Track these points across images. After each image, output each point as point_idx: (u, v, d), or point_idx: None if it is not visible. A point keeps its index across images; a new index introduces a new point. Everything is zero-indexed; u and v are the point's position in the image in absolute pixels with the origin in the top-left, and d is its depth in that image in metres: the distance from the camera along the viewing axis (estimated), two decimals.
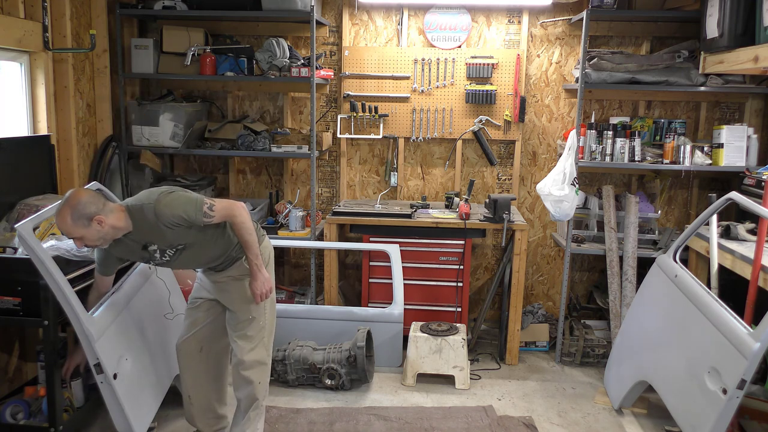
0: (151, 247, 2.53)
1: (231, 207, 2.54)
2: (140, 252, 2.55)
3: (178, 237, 2.51)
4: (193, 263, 2.71)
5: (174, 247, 2.55)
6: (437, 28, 4.32)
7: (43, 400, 2.83)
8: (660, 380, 3.03)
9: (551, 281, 4.61)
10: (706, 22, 3.53)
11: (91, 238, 2.36)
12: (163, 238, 2.50)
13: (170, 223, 2.45)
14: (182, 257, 2.60)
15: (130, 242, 2.50)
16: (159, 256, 2.57)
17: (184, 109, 4.18)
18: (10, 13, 3.20)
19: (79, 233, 2.33)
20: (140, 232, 2.48)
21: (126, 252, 2.56)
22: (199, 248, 2.59)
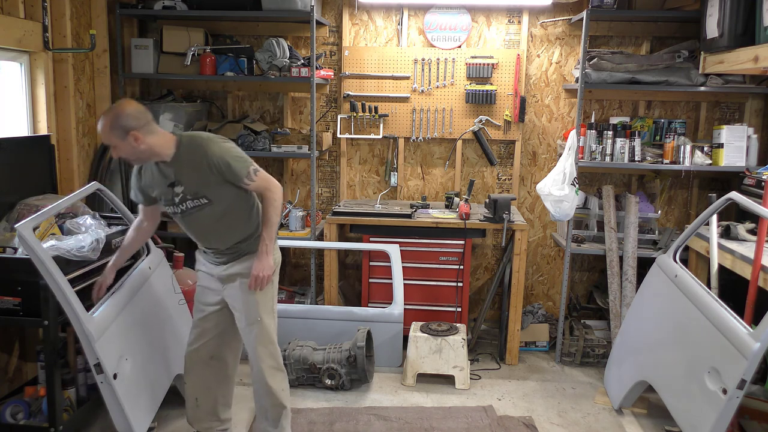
0: (178, 187, 2.48)
1: (270, 180, 2.56)
2: (165, 188, 2.52)
3: (210, 187, 2.48)
4: (206, 228, 2.60)
5: (199, 198, 2.50)
6: (437, 28, 4.32)
7: (43, 400, 2.83)
8: (660, 380, 3.03)
9: (551, 281, 4.61)
10: (706, 22, 3.53)
11: (124, 151, 2.39)
12: (196, 180, 2.47)
13: (213, 165, 2.44)
14: (200, 215, 2.54)
15: (161, 174, 2.50)
16: (179, 201, 2.51)
17: (184, 109, 4.18)
18: (10, 13, 3.20)
19: (113, 142, 2.36)
20: (177, 165, 2.47)
21: (152, 183, 2.55)
22: (220, 212, 2.54)
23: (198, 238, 2.69)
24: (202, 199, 2.51)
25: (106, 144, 2.38)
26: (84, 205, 3.29)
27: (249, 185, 2.51)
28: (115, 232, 3.12)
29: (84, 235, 2.88)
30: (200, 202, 2.51)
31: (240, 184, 2.50)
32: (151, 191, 2.59)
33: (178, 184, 2.49)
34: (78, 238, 2.84)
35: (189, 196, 2.50)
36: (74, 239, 2.82)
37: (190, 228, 2.63)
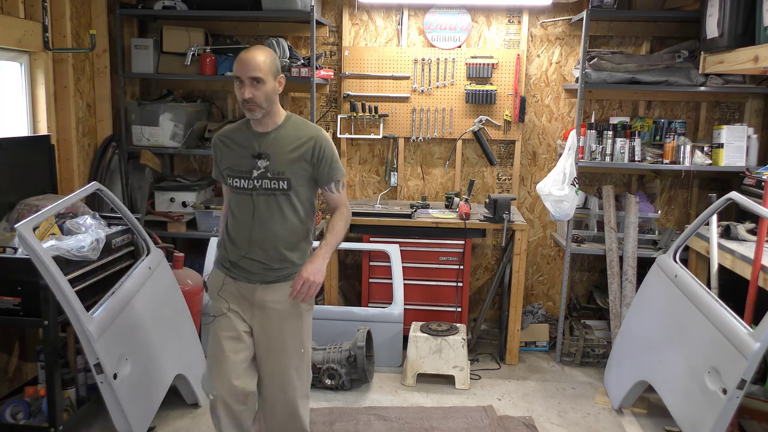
0: (263, 161, 2.31)
1: (347, 202, 2.47)
2: (247, 158, 2.32)
3: (297, 174, 2.32)
4: (265, 222, 2.33)
5: (279, 180, 2.30)
6: (437, 28, 4.32)
7: (43, 400, 2.83)
8: (660, 380, 3.03)
9: (551, 281, 4.61)
10: (706, 22, 3.53)
11: (262, 91, 2.23)
12: (288, 159, 2.30)
13: (318, 149, 2.32)
14: (268, 201, 2.32)
15: (249, 141, 2.33)
16: (256, 176, 2.30)
17: (184, 109, 4.18)
18: (10, 13, 3.20)
19: (262, 75, 2.22)
20: (275, 136, 2.33)
21: (234, 154, 2.36)
22: (288, 209, 2.33)
23: (247, 233, 2.35)
24: (281, 182, 2.32)
25: (253, 76, 2.21)
26: (84, 205, 3.28)
27: (332, 193, 2.39)
28: (115, 232, 3.13)
29: (84, 235, 2.88)
30: (277, 186, 2.32)
31: (327, 186, 2.38)
32: (224, 163, 2.39)
33: (264, 157, 2.31)
34: (78, 238, 2.84)
35: (270, 173, 2.31)
36: (74, 239, 2.82)
37: (246, 215, 2.34)
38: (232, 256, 2.39)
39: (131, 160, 4.19)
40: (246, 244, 2.36)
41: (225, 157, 2.39)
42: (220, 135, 2.45)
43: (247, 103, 2.23)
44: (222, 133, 2.45)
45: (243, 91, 2.23)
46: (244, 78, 2.22)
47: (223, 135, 2.44)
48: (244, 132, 2.38)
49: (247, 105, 2.24)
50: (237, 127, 2.42)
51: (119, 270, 3.08)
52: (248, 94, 2.22)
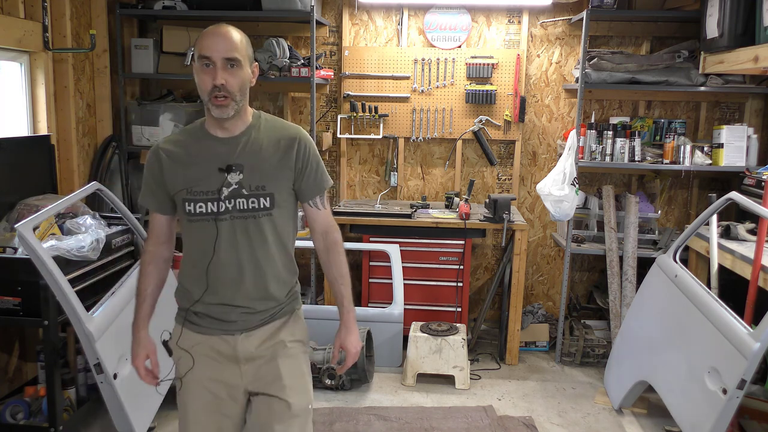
0: (234, 174, 1.78)
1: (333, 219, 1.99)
2: (211, 174, 1.79)
3: (280, 185, 1.83)
4: (244, 255, 1.82)
5: (260, 196, 1.79)
6: (437, 28, 4.32)
7: (43, 400, 2.83)
8: (660, 380, 3.03)
9: (551, 281, 4.61)
10: (706, 22, 3.52)
11: (236, 78, 1.74)
12: (267, 167, 1.81)
13: (302, 153, 1.84)
14: (247, 226, 1.80)
15: (210, 152, 1.81)
16: (227, 196, 1.78)
17: (184, 109, 4.18)
18: (10, 13, 3.20)
19: (237, 59, 1.74)
20: (246, 140, 1.82)
21: (186, 168, 1.81)
22: (272, 233, 1.83)
23: (220, 271, 1.82)
24: (263, 200, 1.80)
25: (229, 57, 1.72)
26: (84, 205, 3.28)
27: (319, 210, 1.92)
28: (115, 232, 3.12)
29: (84, 235, 2.88)
30: (257, 204, 1.80)
31: (312, 200, 1.91)
32: (175, 184, 1.81)
33: (236, 169, 1.78)
34: (78, 238, 2.84)
35: (246, 190, 1.78)
36: (74, 239, 2.82)
37: (211, 248, 1.80)
38: (199, 306, 1.84)
39: (131, 160, 4.19)
40: (219, 287, 1.82)
41: (175, 176, 1.80)
42: (162, 147, 1.84)
43: (218, 93, 1.72)
44: (165, 143, 1.85)
45: (213, 75, 1.71)
46: (216, 59, 1.71)
47: (167, 146, 1.84)
48: (201, 139, 1.83)
49: (217, 98, 1.72)
50: (187, 133, 1.87)
51: (119, 270, 3.08)
52: (220, 80, 1.71)
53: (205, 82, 1.74)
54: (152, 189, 1.86)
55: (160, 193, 1.85)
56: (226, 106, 1.75)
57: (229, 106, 1.76)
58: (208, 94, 1.74)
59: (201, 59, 1.74)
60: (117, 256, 3.12)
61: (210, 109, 1.77)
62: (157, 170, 1.84)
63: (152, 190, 1.86)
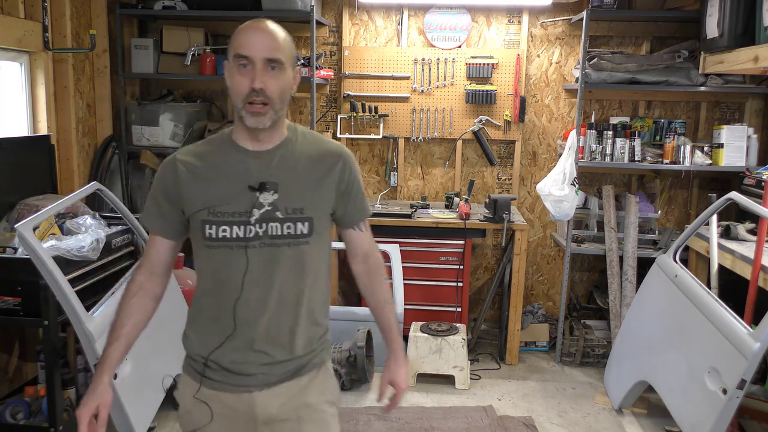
0: (267, 193, 1.52)
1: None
2: (240, 193, 1.52)
3: (320, 209, 1.58)
4: (275, 292, 1.54)
5: (297, 220, 1.53)
6: (437, 28, 4.32)
7: (43, 400, 2.83)
8: (660, 380, 3.03)
9: (551, 281, 4.61)
10: (706, 22, 3.53)
11: (281, 81, 1.50)
12: (306, 187, 1.56)
13: (345, 173, 1.61)
14: (280, 256, 1.53)
15: (240, 167, 1.54)
16: (258, 219, 1.51)
17: (184, 109, 4.18)
18: (10, 13, 3.20)
19: (287, 56, 1.52)
20: (282, 156, 1.56)
21: (214, 187, 1.53)
22: (309, 265, 1.57)
23: (244, 311, 1.54)
24: (301, 225, 1.53)
25: (272, 57, 1.48)
26: (84, 205, 3.29)
27: (362, 232, 1.71)
28: (115, 232, 3.12)
29: (84, 235, 2.88)
30: (293, 230, 1.53)
31: (356, 225, 1.69)
32: (194, 202, 1.53)
33: (270, 188, 1.52)
34: (78, 238, 2.84)
35: (281, 213, 1.52)
36: (74, 239, 2.82)
37: (238, 282, 1.52)
38: (218, 354, 1.55)
39: (131, 160, 4.19)
40: (241, 330, 1.54)
41: (194, 192, 1.53)
42: (180, 159, 1.57)
43: (254, 99, 1.46)
44: (184, 155, 1.58)
45: (251, 78, 1.46)
46: (256, 58, 1.46)
47: (186, 158, 1.57)
48: (229, 151, 1.56)
49: (253, 104, 1.47)
50: (211, 144, 1.61)
51: (119, 270, 3.08)
52: (259, 83, 1.46)
53: (240, 84, 1.47)
54: (161, 207, 1.57)
55: (171, 213, 1.57)
56: (263, 114, 1.48)
57: (267, 115, 1.49)
58: (243, 99, 1.48)
59: (237, 58, 1.48)
60: (117, 256, 3.12)
61: (243, 116, 1.49)
62: (172, 185, 1.55)
63: (161, 209, 1.57)
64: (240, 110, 1.50)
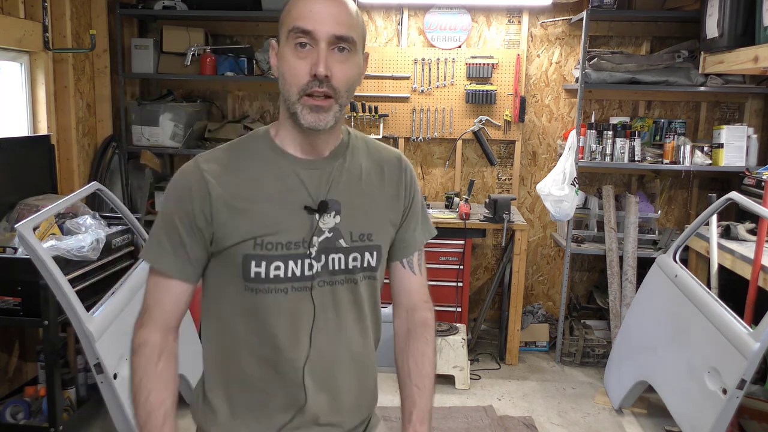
0: (328, 215, 1.19)
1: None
2: (298, 216, 1.18)
3: (388, 231, 1.29)
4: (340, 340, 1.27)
5: (363, 249, 1.23)
6: (437, 28, 4.32)
7: (43, 400, 2.83)
8: (660, 380, 3.03)
9: (551, 281, 4.61)
10: (706, 22, 3.53)
11: (351, 68, 1.15)
12: (373, 206, 1.26)
13: (409, 190, 1.32)
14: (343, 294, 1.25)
15: (287, 183, 1.19)
16: (319, 251, 1.19)
17: (184, 109, 4.18)
18: (10, 13, 3.20)
19: (359, 35, 1.17)
20: (351, 164, 1.26)
21: (271, 205, 1.17)
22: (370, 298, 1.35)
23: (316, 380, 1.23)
24: (368, 255, 1.25)
25: (341, 34, 1.12)
26: (84, 205, 3.29)
27: (413, 273, 1.40)
28: (115, 232, 3.12)
29: (84, 235, 2.88)
30: (360, 263, 1.25)
31: (408, 258, 1.37)
32: (233, 230, 1.16)
33: (331, 208, 1.20)
34: (78, 238, 2.84)
35: (346, 240, 1.21)
36: (74, 239, 2.82)
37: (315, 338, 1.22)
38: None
39: (131, 160, 4.19)
40: (312, 400, 1.22)
41: (234, 217, 1.16)
42: (209, 169, 1.18)
43: (316, 89, 1.12)
44: (209, 162, 1.20)
45: (313, 61, 1.11)
46: (321, 35, 1.11)
47: (214, 167, 1.19)
48: (272, 160, 1.20)
49: (313, 96, 1.12)
50: (246, 151, 1.22)
51: (119, 270, 3.08)
52: (324, 69, 1.10)
53: (298, 69, 1.11)
54: (181, 239, 1.17)
55: (197, 247, 1.17)
56: (326, 110, 1.14)
57: (330, 111, 1.15)
58: (301, 89, 1.12)
59: (295, 34, 1.11)
60: (117, 256, 3.13)
61: (298, 112, 1.14)
62: (200, 206, 1.15)
63: (181, 242, 1.17)
64: (294, 104, 1.14)
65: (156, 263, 1.20)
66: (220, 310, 1.23)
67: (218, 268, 1.21)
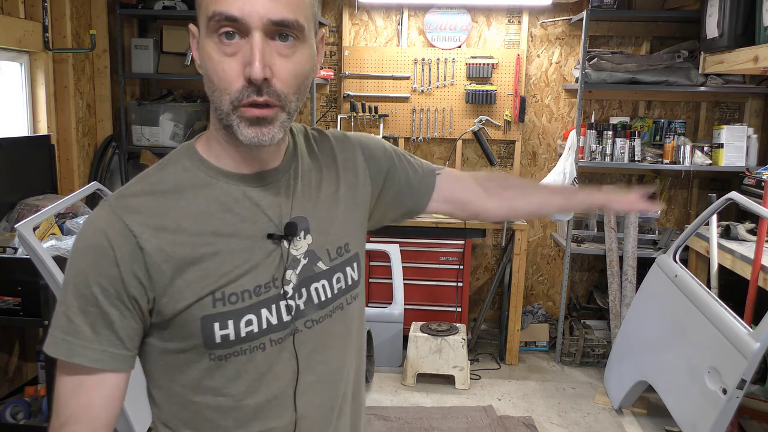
0: (298, 240, 0.96)
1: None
2: (260, 249, 0.93)
3: (359, 233, 1.08)
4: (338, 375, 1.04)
5: (343, 266, 1.02)
6: (437, 28, 4.32)
7: (43, 400, 2.83)
8: (660, 380, 3.03)
9: (551, 281, 4.61)
10: (706, 22, 3.53)
11: (298, 62, 0.87)
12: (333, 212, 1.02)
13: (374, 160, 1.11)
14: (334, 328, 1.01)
15: (248, 206, 0.93)
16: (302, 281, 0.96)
17: (184, 109, 4.18)
18: (10, 13, 3.20)
19: (305, 16, 0.86)
20: (304, 166, 1.02)
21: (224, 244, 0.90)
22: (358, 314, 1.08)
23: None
24: (350, 270, 1.03)
25: (281, 20, 0.82)
26: (84, 205, 3.29)
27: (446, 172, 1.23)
28: None
29: None
30: (345, 282, 1.02)
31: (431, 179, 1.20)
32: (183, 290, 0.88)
33: (302, 227, 0.97)
34: None
35: (325, 260, 1.00)
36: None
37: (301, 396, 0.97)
38: None
39: (131, 160, 4.19)
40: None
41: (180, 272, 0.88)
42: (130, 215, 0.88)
43: (254, 99, 0.85)
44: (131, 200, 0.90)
45: (245, 60, 0.84)
46: (252, 21, 0.82)
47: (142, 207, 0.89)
48: (212, 183, 0.93)
49: (254, 106, 0.86)
50: (174, 175, 0.93)
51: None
52: (261, 70, 0.83)
53: (227, 71, 0.86)
54: (101, 315, 0.87)
55: (126, 323, 0.88)
56: (270, 121, 0.87)
57: (276, 122, 0.88)
58: (234, 98, 0.86)
59: (216, 23, 0.84)
60: None
61: (234, 126, 0.88)
62: (128, 267, 0.86)
63: (102, 317, 0.87)
64: (227, 116, 0.87)
65: (72, 356, 0.86)
66: (172, 387, 0.94)
67: (166, 342, 0.91)
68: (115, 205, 0.89)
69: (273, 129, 0.87)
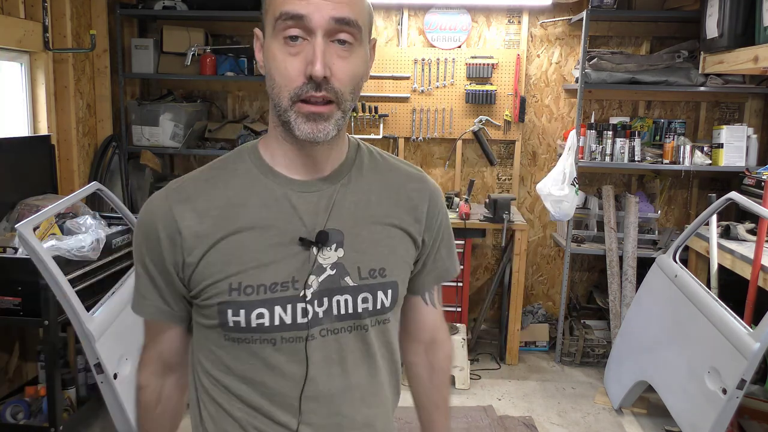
0: (327, 251, 0.98)
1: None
2: (290, 250, 0.97)
3: (404, 267, 1.08)
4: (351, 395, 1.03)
5: (374, 288, 1.01)
6: (437, 28, 4.32)
7: (43, 400, 2.83)
8: (660, 380, 3.03)
9: (551, 281, 4.61)
10: (706, 22, 3.53)
11: (354, 63, 0.95)
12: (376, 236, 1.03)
13: (436, 217, 1.14)
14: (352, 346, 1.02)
15: (288, 207, 0.98)
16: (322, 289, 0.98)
17: (184, 109, 4.18)
18: (10, 13, 3.20)
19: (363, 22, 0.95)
20: (358, 184, 1.06)
21: (255, 238, 0.97)
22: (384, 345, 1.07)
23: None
24: (381, 294, 1.02)
25: (342, 17, 0.90)
26: (84, 205, 3.29)
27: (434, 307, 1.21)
28: (115, 232, 3.13)
29: (84, 235, 2.88)
30: (372, 304, 1.02)
31: (429, 292, 1.19)
32: (205, 272, 0.97)
33: (332, 240, 0.99)
34: (78, 238, 2.84)
35: (353, 278, 1.00)
36: (74, 239, 2.82)
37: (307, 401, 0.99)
38: None
39: (131, 160, 4.19)
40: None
41: (206, 257, 0.97)
42: (176, 198, 0.99)
43: (312, 94, 0.92)
44: (180, 191, 1.01)
45: (307, 59, 0.91)
46: (317, 21, 0.90)
47: (186, 193, 1.00)
48: (259, 182, 1.00)
49: (311, 102, 0.93)
50: (227, 171, 1.02)
51: (119, 270, 3.08)
52: (322, 68, 0.90)
53: (289, 69, 0.91)
54: (153, 282, 1.02)
55: (170, 292, 1.02)
56: (326, 117, 0.94)
57: (331, 119, 0.95)
58: (293, 94, 0.92)
59: (283, 23, 0.90)
60: (117, 256, 3.12)
61: (291, 122, 0.94)
62: (168, 247, 0.97)
63: (153, 284, 1.02)
64: (285, 111, 0.93)
65: (137, 311, 1.07)
66: (203, 356, 1.05)
67: (198, 317, 1.02)
68: (171, 189, 1.02)
69: (328, 126, 0.95)
